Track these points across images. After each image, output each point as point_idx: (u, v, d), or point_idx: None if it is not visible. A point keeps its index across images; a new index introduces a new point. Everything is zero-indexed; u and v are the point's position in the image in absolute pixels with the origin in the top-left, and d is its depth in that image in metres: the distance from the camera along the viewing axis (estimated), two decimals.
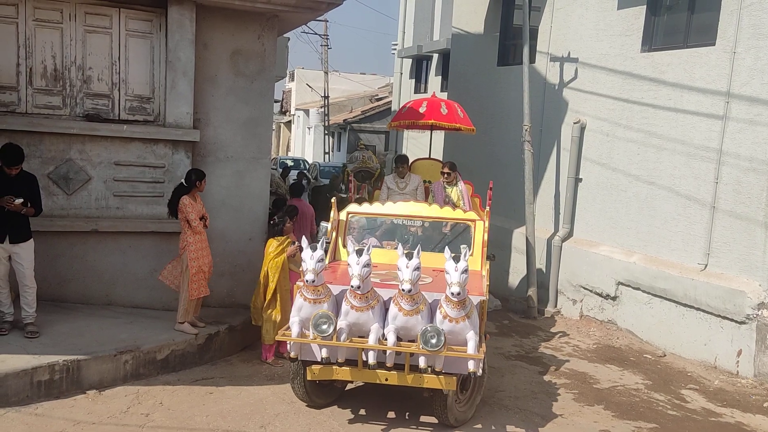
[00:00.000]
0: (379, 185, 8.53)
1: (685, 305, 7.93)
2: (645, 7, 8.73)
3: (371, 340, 5.09)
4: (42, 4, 6.97)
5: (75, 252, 7.20)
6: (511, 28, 11.56)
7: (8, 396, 5.36)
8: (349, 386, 6.08)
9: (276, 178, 15.14)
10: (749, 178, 7.38)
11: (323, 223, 6.51)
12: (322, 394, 5.81)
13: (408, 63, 21.84)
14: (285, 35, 12.17)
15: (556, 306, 9.89)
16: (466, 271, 4.88)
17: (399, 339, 5.14)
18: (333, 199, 6.61)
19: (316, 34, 33.83)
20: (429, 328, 4.93)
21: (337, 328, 5.12)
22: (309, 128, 39.07)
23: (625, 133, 8.97)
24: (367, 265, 5.00)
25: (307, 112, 39.55)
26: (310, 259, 5.11)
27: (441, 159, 10.54)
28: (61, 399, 5.58)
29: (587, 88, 9.62)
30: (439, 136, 14.60)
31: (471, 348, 4.99)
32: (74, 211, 7.19)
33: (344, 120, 32.42)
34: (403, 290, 4.95)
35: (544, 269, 10.06)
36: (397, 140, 22.56)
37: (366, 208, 6.76)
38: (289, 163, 25.55)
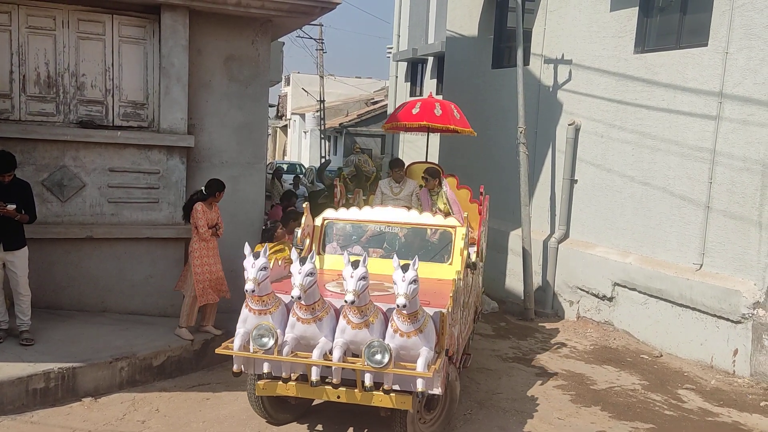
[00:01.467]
0: (375, 189, 8.44)
1: (681, 305, 7.94)
2: (637, 8, 8.76)
3: (315, 354, 4.74)
4: (35, 11, 6.98)
5: (70, 259, 7.19)
6: (505, 30, 11.59)
7: (3, 404, 5.34)
8: (317, 401, 5.73)
9: (276, 185, 15.12)
10: (743, 178, 7.40)
11: (297, 230, 6.10)
12: (282, 409, 5.51)
13: (403, 66, 21.88)
14: (279, 40, 12.18)
15: (552, 307, 9.89)
16: (414, 281, 4.51)
17: (356, 355, 4.80)
18: (305, 204, 6.25)
19: (311, 38, 33.89)
20: (374, 344, 4.57)
21: (283, 340, 4.81)
22: (305, 132, 39.10)
23: (620, 134, 8.99)
24: (311, 274, 4.64)
25: (303, 116, 39.57)
26: (251, 267, 4.77)
27: (437, 163, 10.24)
28: (56, 407, 5.56)
29: (581, 90, 9.64)
30: (435, 139, 14.62)
31: (420, 365, 4.58)
32: (69, 218, 7.18)
33: (340, 124, 32.45)
34: (345, 302, 4.61)
35: (540, 271, 10.07)
36: (393, 143, 22.57)
37: (342, 214, 6.36)
38: (284, 167, 25.55)
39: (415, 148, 20.14)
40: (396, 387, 4.76)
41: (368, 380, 4.68)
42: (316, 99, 33.70)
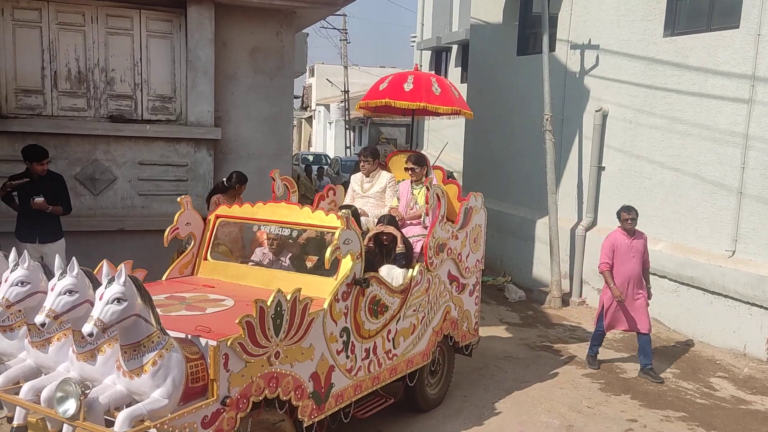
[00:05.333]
0: None
1: (713, 293, 7.82)
2: None
3: (23, 391, 3.50)
4: (64, 8, 7.11)
5: (103, 251, 7.30)
6: (531, 16, 11.44)
7: None
8: None
9: (302, 179, 15.03)
10: None
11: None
12: None
13: (427, 55, 21.80)
14: (303, 31, 12.22)
15: (581, 296, 9.81)
16: (118, 300, 3.25)
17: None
18: (181, 198, 5.22)
19: (334, 28, 33.85)
20: (64, 386, 3.25)
21: (15, 369, 3.71)
22: (330, 123, 39.20)
23: (649, 120, 8.85)
24: (20, 283, 3.61)
25: (327, 107, 39.67)
26: None
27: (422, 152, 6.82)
28: None
29: (609, 75, 9.50)
30: (460, 128, 14.54)
31: (119, 421, 3.16)
32: (101, 211, 7.33)
33: (364, 114, 32.46)
34: (35, 323, 3.45)
35: (568, 259, 9.99)
36: (418, 133, 22.50)
37: (235, 211, 5.33)
38: (310, 158, 25.67)
39: (441, 137, 20.07)
40: None
41: None
42: (340, 89, 33.75)
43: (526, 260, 10.89)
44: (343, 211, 4.55)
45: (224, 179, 6.80)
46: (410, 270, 5.19)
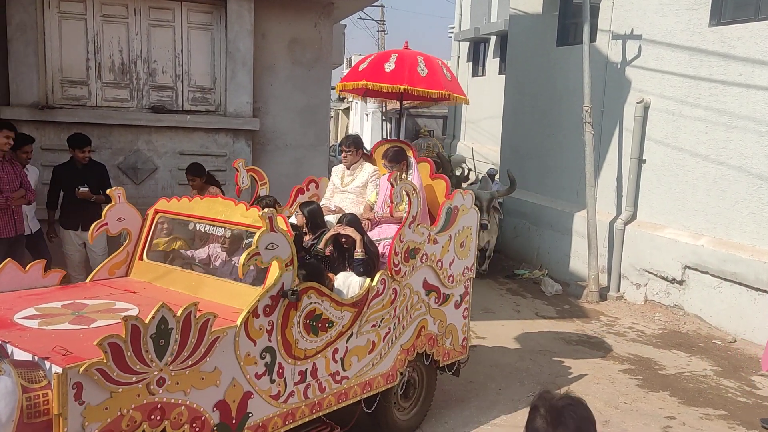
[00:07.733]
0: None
1: (757, 289, 7.61)
2: None
3: None
4: (108, 0, 7.26)
5: None
6: (571, 6, 11.25)
7: None
8: None
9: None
10: None
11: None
12: None
13: (465, 46, 21.64)
14: (341, 22, 12.25)
15: (619, 290, 9.67)
16: None
17: None
18: (111, 191, 4.68)
19: (372, 20, 33.85)
20: None
21: None
22: (367, 115, 39.24)
23: (692, 112, 8.64)
24: None
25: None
26: None
27: (407, 141, 6.51)
28: None
29: (651, 66, 9.30)
30: (497, 120, 14.41)
31: None
32: (142, 200, 7.47)
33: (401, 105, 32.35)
34: None
35: (606, 253, 9.84)
36: (456, 124, 22.39)
37: (174, 205, 4.66)
38: None
39: (478, 129, 19.94)
40: None
41: None
42: None
43: (563, 253, 10.76)
44: (267, 210, 3.73)
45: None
46: (369, 279, 4.44)
